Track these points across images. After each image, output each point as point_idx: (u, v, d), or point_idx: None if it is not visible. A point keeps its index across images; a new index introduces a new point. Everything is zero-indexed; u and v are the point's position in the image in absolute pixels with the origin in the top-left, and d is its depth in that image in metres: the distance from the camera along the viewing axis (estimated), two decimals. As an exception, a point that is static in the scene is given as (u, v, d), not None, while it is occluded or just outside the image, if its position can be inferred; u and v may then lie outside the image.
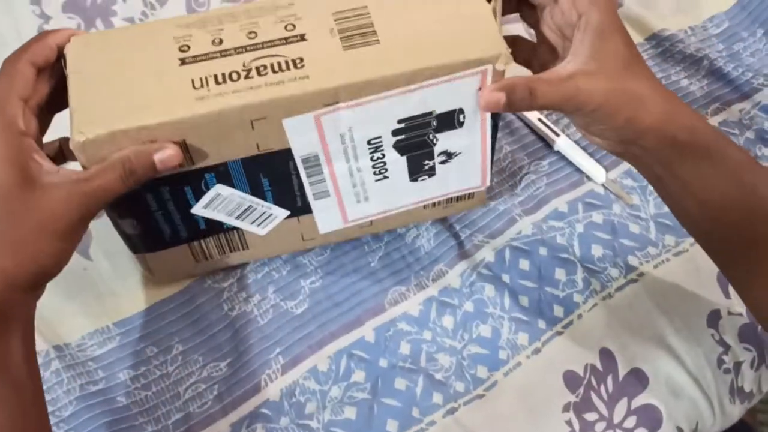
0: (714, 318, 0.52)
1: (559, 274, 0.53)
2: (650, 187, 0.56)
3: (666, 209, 0.55)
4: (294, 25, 0.41)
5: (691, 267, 0.54)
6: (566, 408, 0.48)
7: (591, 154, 0.58)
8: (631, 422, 0.48)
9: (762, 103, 0.63)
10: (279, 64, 0.39)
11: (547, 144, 0.60)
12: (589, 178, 0.58)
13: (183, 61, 0.39)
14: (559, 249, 0.54)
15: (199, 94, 0.38)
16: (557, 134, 0.59)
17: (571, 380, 0.49)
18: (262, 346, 0.49)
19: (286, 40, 0.40)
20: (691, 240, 0.55)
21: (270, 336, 0.49)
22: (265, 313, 0.50)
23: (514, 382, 0.49)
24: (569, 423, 0.48)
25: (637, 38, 0.66)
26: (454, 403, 0.48)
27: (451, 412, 0.48)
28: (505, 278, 0.53)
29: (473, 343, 0.50)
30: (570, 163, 0.59)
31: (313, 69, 0.39)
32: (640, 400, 0.49)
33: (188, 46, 0.40)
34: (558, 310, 0.52)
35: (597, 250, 0.54)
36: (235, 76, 0.39)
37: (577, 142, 0.59)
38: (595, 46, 0.39)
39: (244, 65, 0.39)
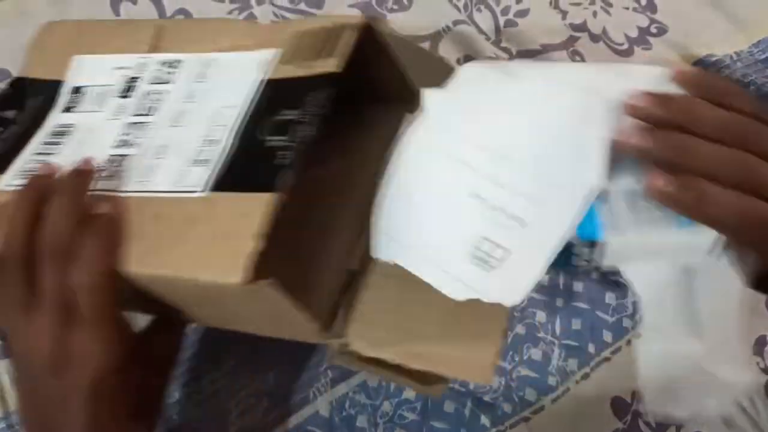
0: (761, 345, 0.52)
1: (609, 298, 0.53)
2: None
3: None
4: None
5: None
6: (615, 435, 0.49)
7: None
8: (680, 450, 0.48)
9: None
10: None
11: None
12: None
13: None
14: (610, 272, 0.54)
15: None
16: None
17: (618, 407, 0.49)
18: (311, 361, 0.49)
19: None
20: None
21: (318, 350, 0.49)
22: (313, 330, 0.51)
23: (561, 407, 0.49)
24: (619, 449, 0.48)
25: (682, 65, 0.66)
26: (501, 426, 0.48)
27: (499, 434, 0.48)
28: (558, 302, 0.53)
29: (523, 366, 0.50)
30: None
31: None
32: (689, 429, 0.49)
33: None
34: (607, 336, 0.52)
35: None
36: None
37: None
38: None
39: None
